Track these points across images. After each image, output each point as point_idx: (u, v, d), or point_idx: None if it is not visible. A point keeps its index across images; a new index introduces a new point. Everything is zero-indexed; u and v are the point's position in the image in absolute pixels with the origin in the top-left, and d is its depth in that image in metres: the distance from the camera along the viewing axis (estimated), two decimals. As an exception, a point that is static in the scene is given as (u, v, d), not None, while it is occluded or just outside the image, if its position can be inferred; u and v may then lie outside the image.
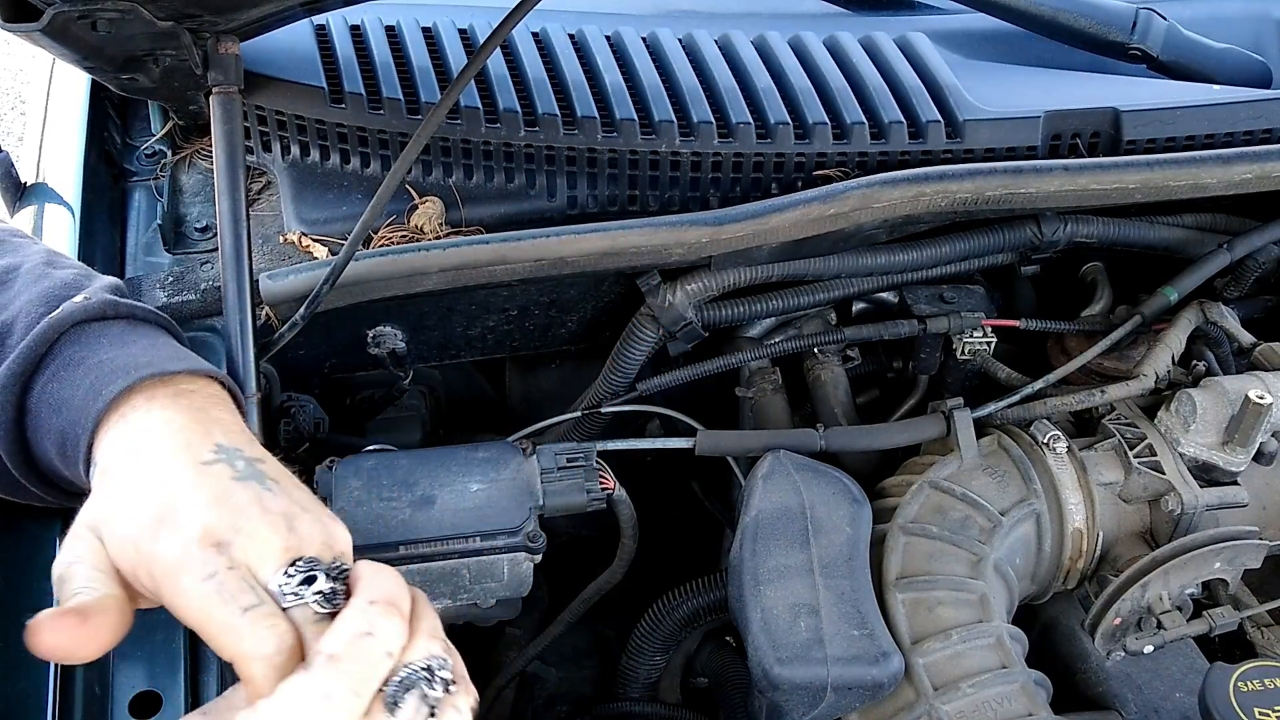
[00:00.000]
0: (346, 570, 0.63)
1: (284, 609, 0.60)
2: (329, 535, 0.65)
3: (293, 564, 0.62)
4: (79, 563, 0.63)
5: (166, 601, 0.61)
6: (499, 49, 1.14)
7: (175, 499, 0.62)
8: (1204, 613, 1.03)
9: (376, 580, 0.63)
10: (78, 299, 0.73)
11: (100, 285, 0.76)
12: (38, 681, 0.76)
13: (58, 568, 0.63)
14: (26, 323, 0.72)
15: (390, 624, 0.60)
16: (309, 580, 0.61)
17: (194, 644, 0.81)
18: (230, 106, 0.98)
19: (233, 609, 0.58)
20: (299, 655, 0.59)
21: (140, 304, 0.76)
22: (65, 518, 0.85)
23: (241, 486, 0.63)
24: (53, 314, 0.71)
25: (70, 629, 0.59)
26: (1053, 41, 1.27)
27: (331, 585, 0.62)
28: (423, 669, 0.60)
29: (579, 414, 1.15)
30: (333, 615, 0.61)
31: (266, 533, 0.62)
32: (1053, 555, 1.07)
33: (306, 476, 1.01)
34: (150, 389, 0.68)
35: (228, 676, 0.82)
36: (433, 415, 1.28)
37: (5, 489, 0.76)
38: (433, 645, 0.62)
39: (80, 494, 0.75)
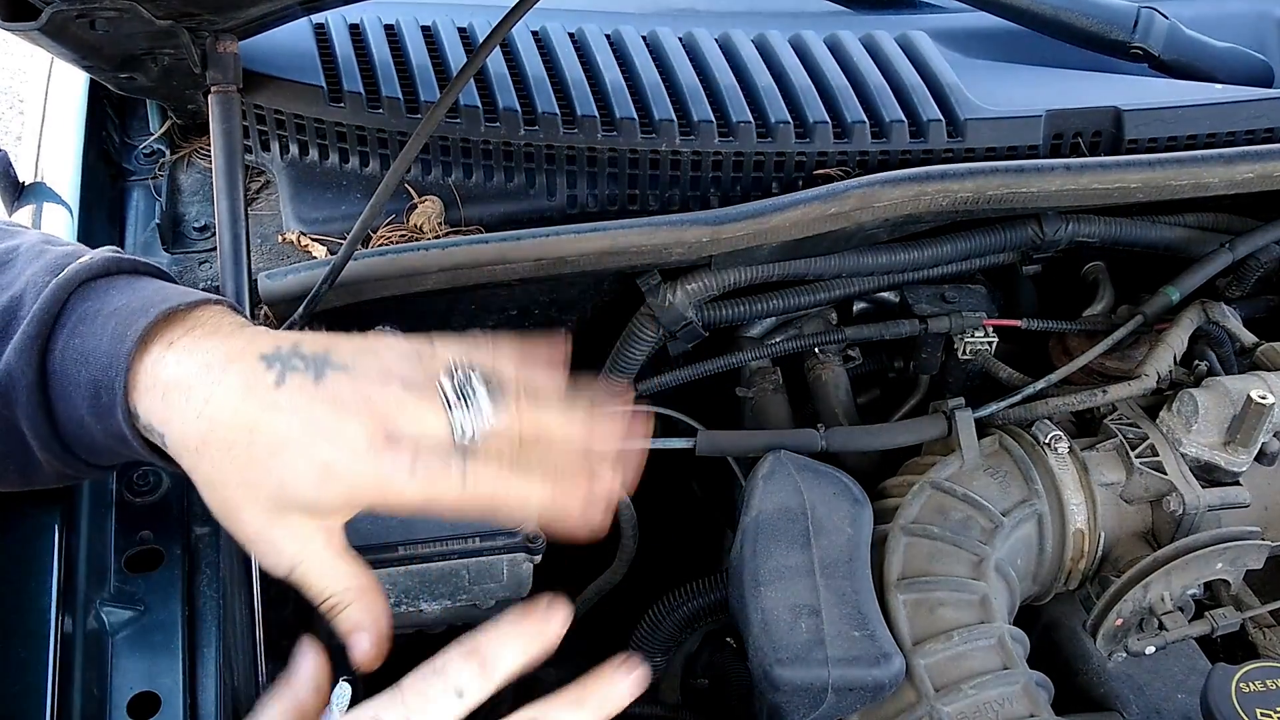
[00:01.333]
0: (474, 369, 0.70)
1: (478, 444, 0.67)
2: (429, 357, 0.70)
3: (445, 399, 0.68)
4: (304, 560, 0.68)
5: (393, 508, 0.67)
6: (498, 48, 1.13)
7: (308, 435, 0.66)
8: (1206, 613, 1.03)
9: None
10: (81, 260, 0.74)
11: (99, 249, 0.77)
12: (36, 681, 0.76)
13: (286, 570, 0.68)
14: (35, 290, 0.72)
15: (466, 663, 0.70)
16: (464, 411, 0.68)
17: (193, 644, 0.81)
18: (229, 106, 0.97)
19: (454, 486, 0.66)
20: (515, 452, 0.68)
21: (140, 259, 0.78)
22: (65, 511, 0.85)
23: (331, 383, 0.68)
24: (58, 276, 0.72)
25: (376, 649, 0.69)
26: (1054, 40, 1.27)
27: (482, 397, 0.68)
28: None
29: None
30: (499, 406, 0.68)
31: (402, 401, 0.67)
32: (1054, 556, 1.06)
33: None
34: (168, 323, 0.70)
35: (228, 677, 0.82)
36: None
37: (16, 471, 0.76)
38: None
39: (100, 465, 0.75)
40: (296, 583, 0.69)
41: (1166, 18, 1.26)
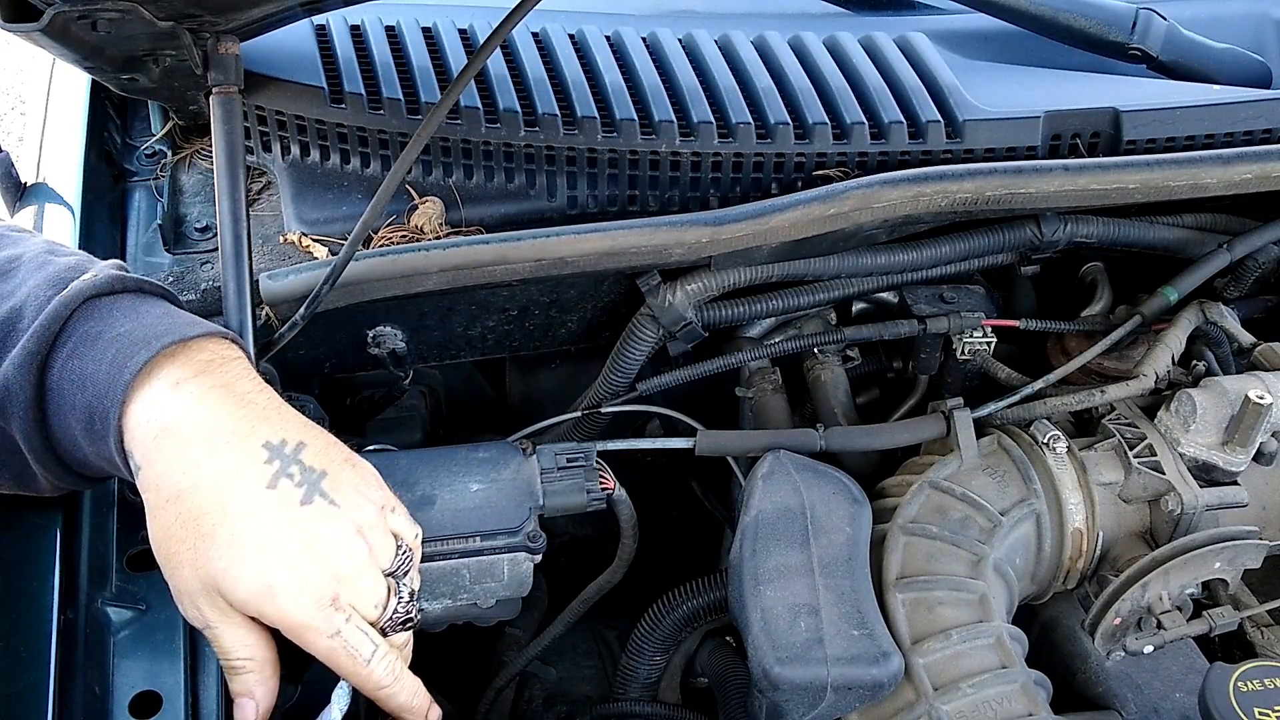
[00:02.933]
0: (409, 554, 0.79)
1: (386, 637, 0.76)
2: (392, 530, 0.78)
3: (385, 594, 0.76)
4: (218, 627, 0.73)
5: (296, 642, 0.73)
6: (499, 49, 1.14)
7: (272, 550, 0.70)
8: (1204, 613, 1.03)
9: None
10: (86, 276, 0.74)
11: (104, 264, 0.78)
12: (38, 681, 0.76)
13: (200, 627, 0.74)
14: (36, 305, 0.72)
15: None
16: (395, 600, 0.77)
17: (194, 644, 0.81)
18: (230, 106, 0.98)
19: (359, 662, 0.73)
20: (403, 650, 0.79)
21: (146, 277, 0.78)
22: (66, 514, 0.85)
23: (314, 512, 0.72)
24: (62, 292, 0.73)
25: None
26: (1053, 41, 1.27)
27: (410, 592, 0.78)
28: None
29: (579, 414, 1.15)
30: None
31: (360, 571, 0.74)
32: (1053, 555, 1.07)
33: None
34: (172, 358, 0.72)
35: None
36: (433, 415, 1.29)
37: (11, 478, 0.76)
38: None
39: (93, 478, 0.76)
40: (207, 639, 0.74)
41: (1165, 19, 1.26)
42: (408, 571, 0.78)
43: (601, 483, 1.02)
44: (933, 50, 1.22)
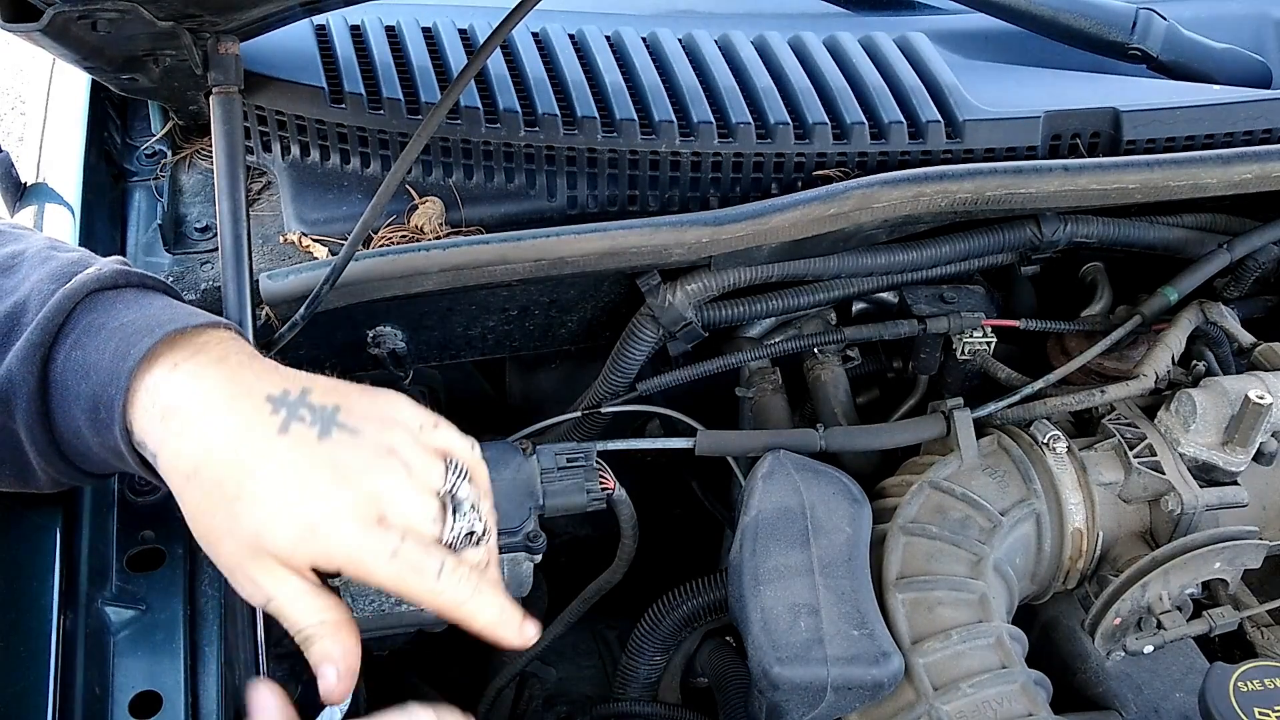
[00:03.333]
0: (464, 469, 0.74)
1: (458, 552, 0.71)
2: (430, 447, 0.73)
3: (440, 509, 0.71)
4: (278, 596, 0.68)
5: (359, 578, 0.68)
6: (499, 49, 1.14)
7: (301, 490, 0.67)
8: (1204, 613, 1.03)
9: None
10: (89, 270, 0.74)
11: (107, 260, 0.78)
12: (38, 681, 0.76)
13: (262, 603, 0.69)
14: (40, 298, 0.72)
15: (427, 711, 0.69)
16: (454, 515, 0.71)
17: (194, 644, 0.81)
18: (230, 107, 0.98)
19: (428, 580, 0.68)
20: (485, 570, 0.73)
21: (149, 273, 0.78)
22: (65, 514, 0.85)
23: (335, 444, 0.69)
24: (65, 286, 0.73)
25: (344, 682, 0.69)
26: (1052, 41, 1.27)
27: (471, 505, 0.72)
28: None
29: (579, 414, 1.15)
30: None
31: (401, 488, 0.69)
32: (1053, 555, 1.07)
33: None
34: (172, 345, 0.70)
35: (229, 676, 0.82)
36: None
37: (11, 475, 0.76)
38: None
39: (95, 473, 0.75)
40: (272, 614, 0.70)
41: (1165, 19, 1.26)
42: (466, 486, 0.73)
43: (601, 483, 1.02)
44: (933, 50, 1.22)
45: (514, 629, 0.73)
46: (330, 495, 0.67)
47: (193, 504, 0.69)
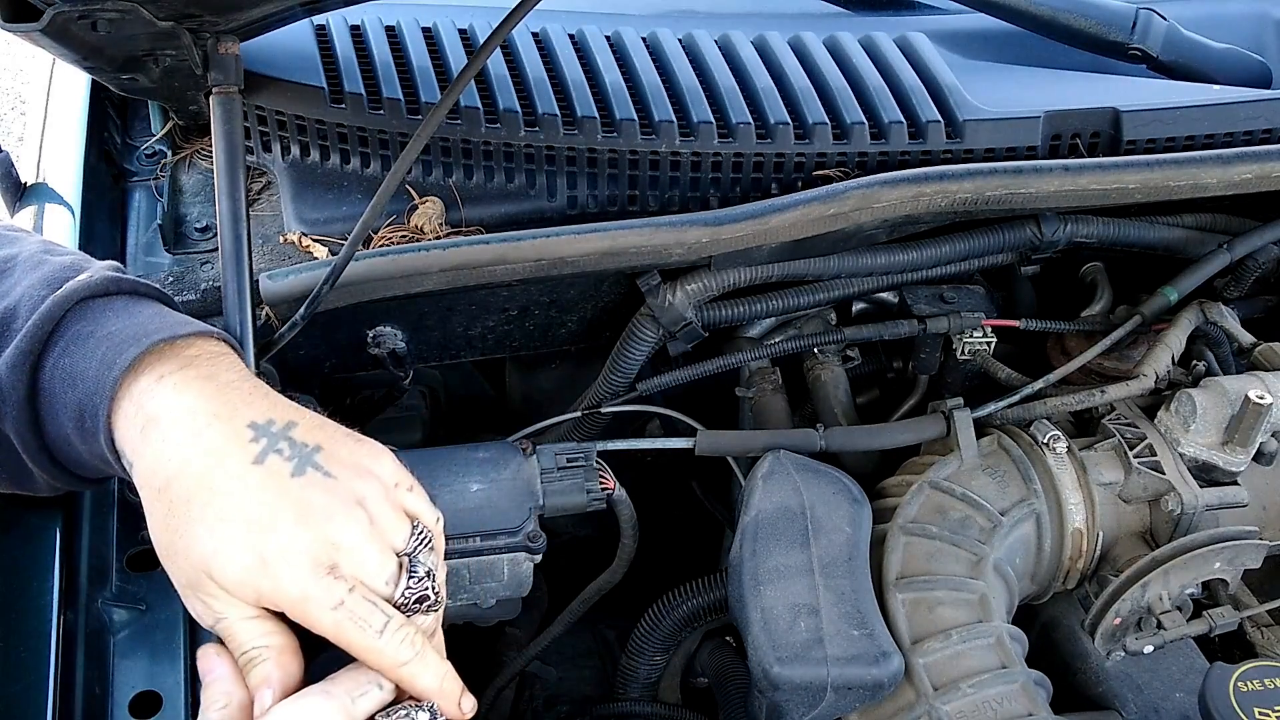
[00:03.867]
0: (428, 536, 0.73)
1: (408, 615, 0.70)
2: (400, 506, 0.72)
3: (397, 569, 0.70)
4: (225, 618, 0.68)
5: (301, 622, 0.68)
6: (499, 49, 1.14)
7: (261, 523, 0.66)
8: (1204, 613, 1.03)
9: None
10: (81, 277, 0.74)
11: (100, 265, 0.77)
12: (38, 681, 0.76)
13: (209, 625, 0.69)
14: (30, 304, 0.72)
15: None
16: (410, 577, 0.70)
17: (194, 644, 0.81)
18: (230, 106, 0.98)
19: (370, 634, 0.67)
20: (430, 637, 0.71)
21: (141, 280, 0.78)
22: (66, 514, 0.85)
23: (306, 483, 0.68)
24: (57, 292, 0.72)
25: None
26: (1053, 41, 1.27)
27: (426, 571, 0.71)
28: (414, 706, 0.68)
29: (579, 414, 1.15)
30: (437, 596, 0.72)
31: (362, 542, 0.69)
32: (1053, 555, 1.07)
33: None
34: (160, 355, 0.70)
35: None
36: (433, 415, 1.29)
37: (8, 478, 0.76)
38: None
39: (89, 478, 0.75)
40: (218, 634, 0.69)
41: (1165, 19, 1.26)
42: (426, 552, 0.73)
43: (601, 483, 1.02)
44: (933, 50, 1.22)
45: (454, 700, 0.71)
46: (288, 534, 0.67)
47: (158, 518, 0.69)
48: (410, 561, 0.71)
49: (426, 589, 0.71)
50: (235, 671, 0.68)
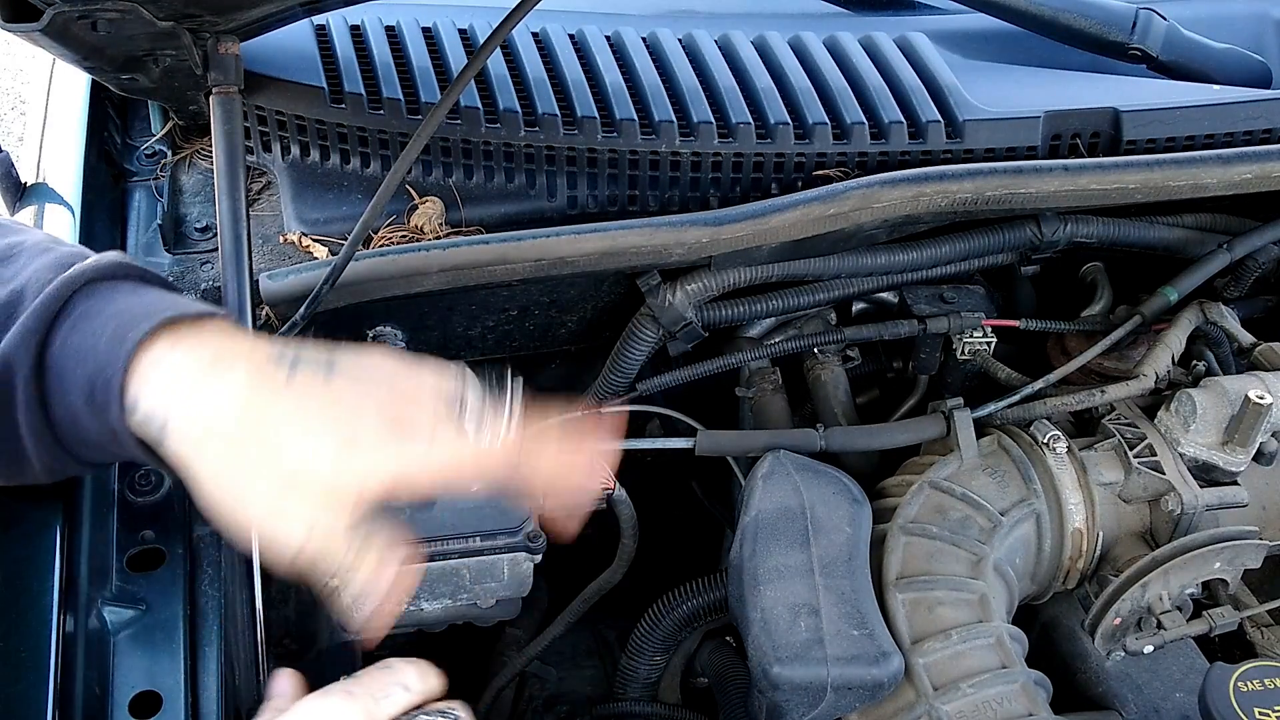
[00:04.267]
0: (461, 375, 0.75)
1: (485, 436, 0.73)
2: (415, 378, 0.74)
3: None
4: (314, 534, 0.69)
5: (404, 478, 0.70)
6: (499, 49, 1.14)
7: (328, 414, 0.69)
8: (1204, 613, 1.03)
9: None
10: (88, 261, 0.75)
11: (107, 253, 0.78)
12: (38, 680, 0.76)
13: (296, 547, 0.69)
14: (38, 285, 0.73)
15: (410, 665, 0.71)
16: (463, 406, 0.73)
17: (194, 644, 0.81)
18: (230, 106, 0.98)
19: (470, 447, 0.71)
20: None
21: (150, 270, 0.78)
22: (67, 510, 0.85)
23: (339, 383, 0.71)
24: (65, 273, 0.73)
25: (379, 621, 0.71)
26: (1053, 41, 1.27)
27: (471, 402, 0.74)
28: (438, 712, 0.71)
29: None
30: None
31: (410, 397, 0.72)
32: (1053, 555, 1.07)
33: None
34: (173, 328, 0.71)
35: (229, 676, 0.82)
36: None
37: (5, 465, 0.75)
38: (452, 702, 0.73)
39: (91, 462, 0.75)
40: (306, 562, 0.69)
41: (1165, 19, 1.26)
42: (463, 395, 0.75)
43: (602, 483, 1.02)
44: (933, 50, 1.22)
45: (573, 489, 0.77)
46: (356, 411, 0.69)
47: (206, 469, 0.69)
48: (460, 407, 0.73)
49: (488, 420, 0.73)
50: (303, 689, 0.70)
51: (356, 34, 1.17)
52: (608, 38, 1.20)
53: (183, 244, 1.11)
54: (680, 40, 1.21)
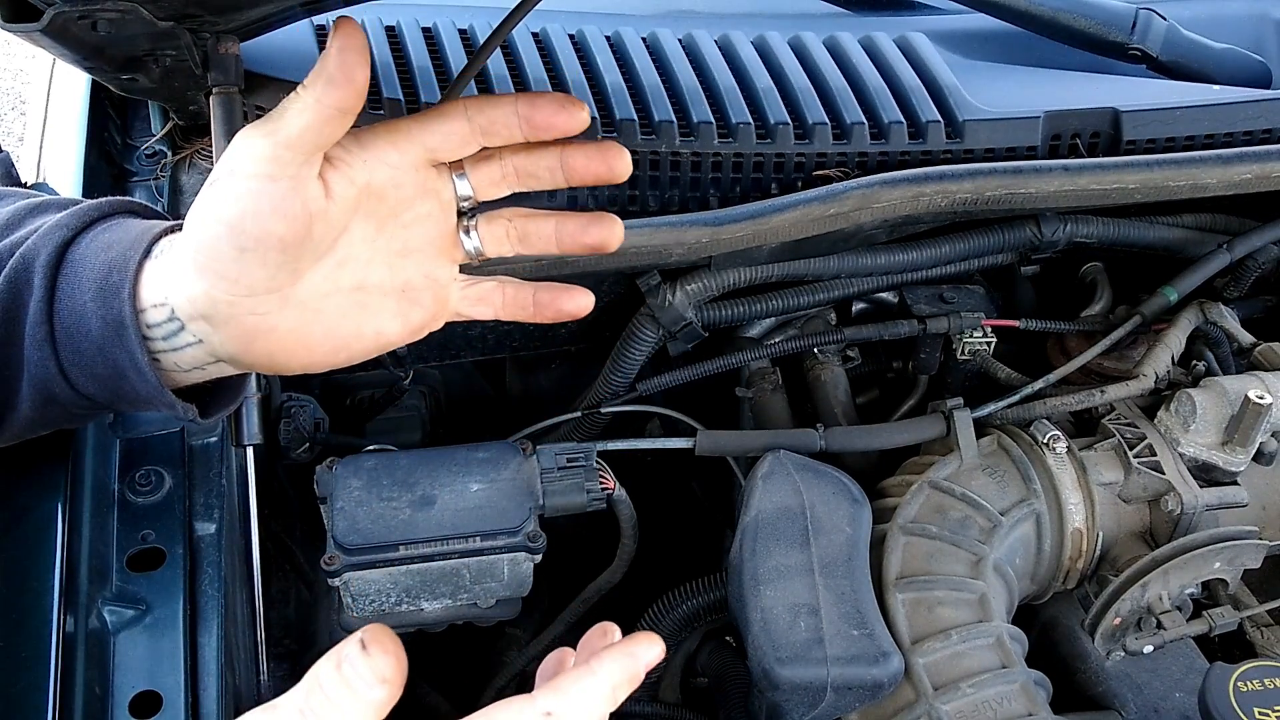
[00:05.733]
0: None
1: None
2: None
3: None
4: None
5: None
6: (499, 49, 1.14)
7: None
8: (1204, 613, 1.03)
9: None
10: (117, 198, 0.76)
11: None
12: (39, 680, 0.76)
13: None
14: (64, 207, 0.74)
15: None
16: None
17: (194, 644, 0.81)
18: (230, 107, 0.97)
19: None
20: None
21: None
22: (67, 510, 0.85)
23: None
24: (95, 200, 0.74)
25: None
26: (1052, 41, 1.27)
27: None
28: None
29: (579, 414, 1.15)
30: None
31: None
32: (1052, 555, 1.07)
33: (307, 480, 1.01)
34: None
35: (229, 675, 0.82)
36: (433, 415, 1.29)
37: None
38: None
39: (78, 389, 0.72)
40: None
41: (1165, 19, 1.26)
42: None
43: (601, 483, 1.02)
44: (933, 50, 1.22)
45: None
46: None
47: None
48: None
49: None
50: None
51: (356, 34, 1.17)
52: (608, 38, 1.20)
53: (183, 244, 1.11)
54: (680, 40, 1.21)
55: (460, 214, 0.77)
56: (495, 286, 0.79)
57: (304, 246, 0.68)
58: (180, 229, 0.70)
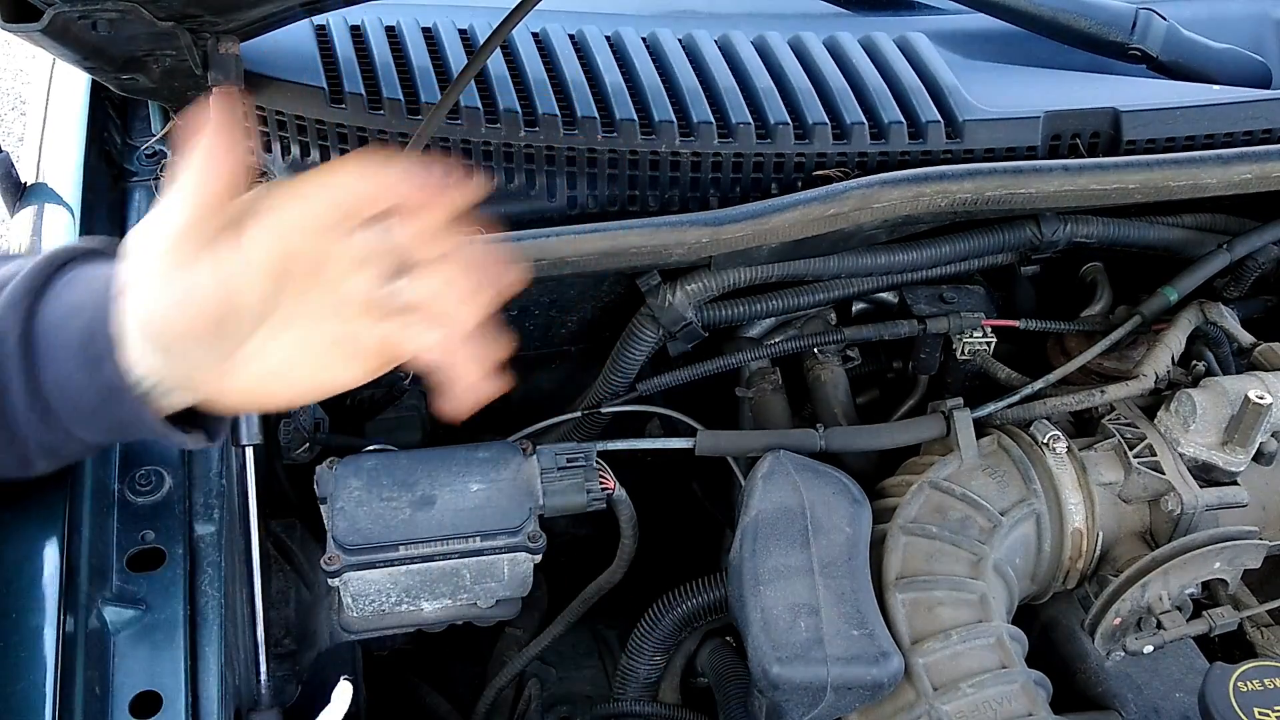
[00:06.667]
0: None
1: None
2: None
3: None
4: None
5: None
6: (499, 49, 1.14)
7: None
8: (1204, 613, 1.03)
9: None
10: (69, 244, 0.74)
11: (87, 238, 0.79)
12: (38, 680, 0.76)
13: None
14: (20, 272, 0.72)
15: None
16: None
17: (194, 644, 0.81)
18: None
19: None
20: None
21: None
22: (67, 511, 0.85)
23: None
24: (46, 253, 0.72)
25: None
26: (1052, 42, 1.27)
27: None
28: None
29: (579, 414, 1.15)
30: None
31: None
32: (1052, 555, 1.07)
33: (307, 480, 1.01)
34: None
35: (229, 675, 0.82)
36: (433, 415, 1.28)
37: (3, 452, 0.74)
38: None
39: (82, 439, 0.73)
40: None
41: (1165, 19, 1.26)
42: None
43: (601, 483, 1.02)
44: (933, 50, 1.22)
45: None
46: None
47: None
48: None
49: None
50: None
51: (356, 34, 1.17)
52: (608, 38, 1.20)
53: (183, 244, 1.11)
54: (680, 40, 1.21)
55: None
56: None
57: (225, 329, 0.68)
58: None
